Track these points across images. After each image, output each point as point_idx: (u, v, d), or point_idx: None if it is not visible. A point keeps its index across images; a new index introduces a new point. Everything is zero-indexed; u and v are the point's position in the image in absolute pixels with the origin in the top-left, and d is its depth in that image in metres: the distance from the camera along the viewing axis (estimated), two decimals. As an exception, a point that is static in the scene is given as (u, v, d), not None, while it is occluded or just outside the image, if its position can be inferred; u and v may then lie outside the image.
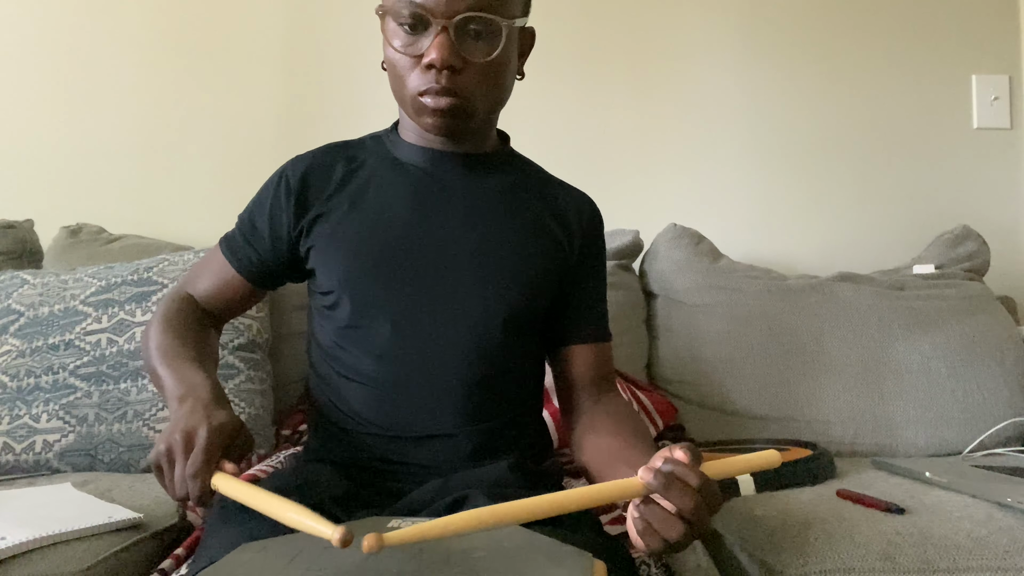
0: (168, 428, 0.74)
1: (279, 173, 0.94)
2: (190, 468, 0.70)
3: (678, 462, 0.64)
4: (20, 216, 1.68)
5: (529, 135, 1.17)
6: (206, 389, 0.79)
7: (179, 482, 0.71)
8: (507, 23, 0.83)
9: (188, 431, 0.72)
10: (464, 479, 0.83)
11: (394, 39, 0.84)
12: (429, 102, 0.84)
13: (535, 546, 0.59)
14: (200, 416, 0.74)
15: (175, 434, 0.73)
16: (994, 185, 1.94)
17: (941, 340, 1.50)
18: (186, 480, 0.71)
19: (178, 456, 0.72)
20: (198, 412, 0.74)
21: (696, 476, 0.63)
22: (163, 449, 0.73)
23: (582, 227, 0.98)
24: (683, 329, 1.59)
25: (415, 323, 0.88)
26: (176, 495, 0.73)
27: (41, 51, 1.82)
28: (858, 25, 1.93)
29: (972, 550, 0.89)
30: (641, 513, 0.64)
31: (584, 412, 0.94)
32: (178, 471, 0.72)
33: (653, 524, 0.64)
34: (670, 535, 0.63)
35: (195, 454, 0.71)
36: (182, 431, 0.72)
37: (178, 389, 0.80)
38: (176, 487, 0.72)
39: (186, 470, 0.71)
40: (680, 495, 0.62)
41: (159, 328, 0.91)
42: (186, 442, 0.72)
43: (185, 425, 0.73)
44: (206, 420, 0.73)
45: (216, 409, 0.76)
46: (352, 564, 0.57)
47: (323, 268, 0.91)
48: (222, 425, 0.73)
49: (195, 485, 0.70)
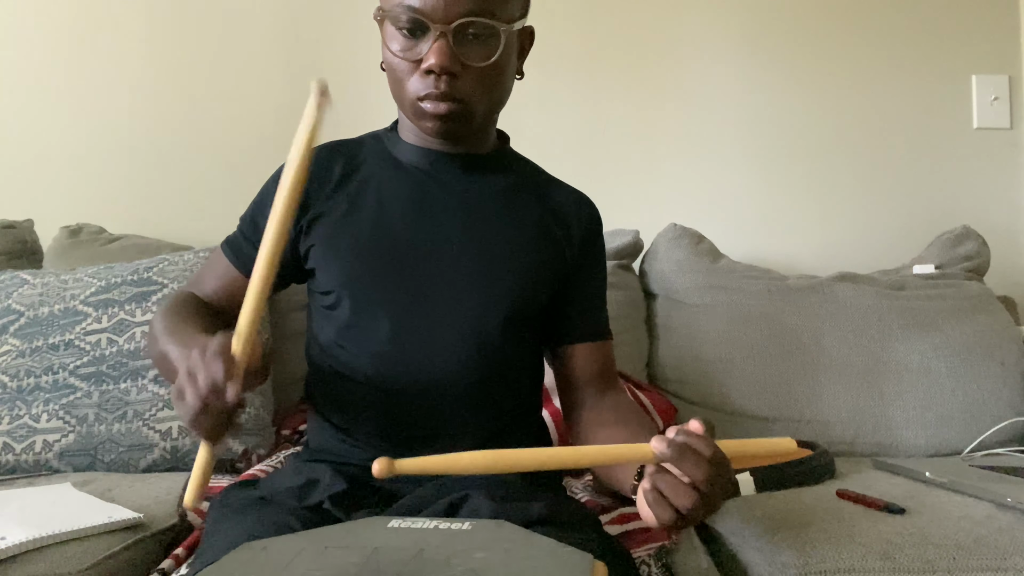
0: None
1: (279, 172, 0.94)
2: (210, 354, 0.66)
3: (691, 433, 0.63)
4: (20, 216, 1.68)
5: (529, 135, 1.17)
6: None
7: (203, 379, 0.65)
8: (506, 27, 0.83)
9: (204, 344, 0.68)
10: (463, 479, 0.82)
11: (393, 43, 0.84)
12: (428, 107, 0.84)
13: (536, 547, 0.59)
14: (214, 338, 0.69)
15: (192, 355, 0.68)
16: (994, 185, 1.94)
17: (941, 340, 1.50)
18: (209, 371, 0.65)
19: (197, 359, 0.67)
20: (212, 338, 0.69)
21: (709, 447, 0.63)
22: (183, 371, 0.68)
23: (581, 226, 0.98)
24: (683, 329, 1.59)
25: (415, 323, 0.88)
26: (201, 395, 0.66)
27: (41, 51, 1.82)
28: (858, 25, 1.93)
29: (972, 550, 0.89)
30: (653, 483, 0.64)
31: (587, 408, 0.94)
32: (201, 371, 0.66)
33: (664, 492, 0.63)
34: (683, 503, 0.62)
35: (212, 346, 0.67)
36: (200, 347, 0.68)
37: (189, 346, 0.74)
38: (201, 384, 0.66)
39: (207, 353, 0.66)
40: (693, 465, 0.62)
41: (163, 317, 0.89)
42: (203, 349, 0.67)
43: (201, 344, 0.68)
44: (220, 334, 0.69)
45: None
46: (352, 565, 0.57)
47: (323, 268, 0.91)
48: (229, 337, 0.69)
49: (218, 364, 0.65)
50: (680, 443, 0.62)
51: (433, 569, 0.55)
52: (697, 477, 0.62)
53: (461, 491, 0.78)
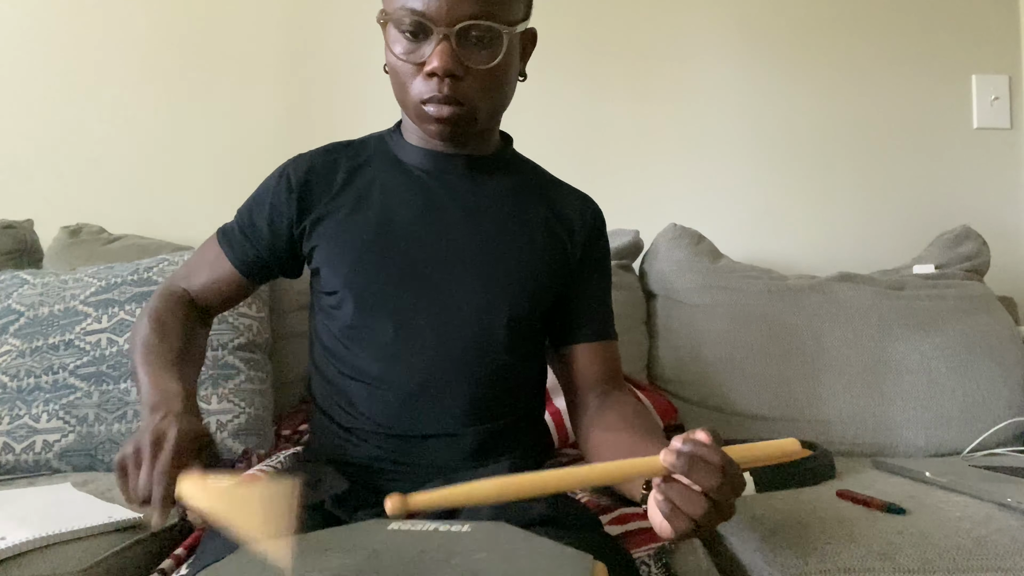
0: (138, 432, 0.74)
1: (281, 171, 0.94)
2: (158, 467, 0.69)
3: (699, 442, 0.63)
4: (20, 216, 1.68)
5: (529, 135, 1.17)
6: (179, 400, 0.78)
7: (143, 483, 0.70)
8: (508, 30, 0.83)
9: (157, 433, 0.71)
10: (465, 480, 0.82)
11: (396, 46, 0.84)
12: (432, 110, 0.84)
13: (536, 547, 0.59)
14: (169, 421, 0.73)
15: (145, 435, 0.72)
16: (994, 185, 1.94)
17: (941, 340, 1.50)
18: (151, 481, 0.69)
19: (146, 457, 0.70)
20: (167, 418, 0.74)
21: (718, 455, 0.63)
22: (130, 451, 0.72)
23: (585, 227, 0.98)
24: (683, 329, 1.59)
25: (418, 323, 0.88)
26: (138, 496, 0.71)
27: (41, 51, 1.81)
28: (858, 25, 1.93)
29: (972, 550, 0.89)
30: (665, 494, 0.64)
31: (592, 410, 0.94)
32: (144, 472, 0.70)
33: (677, 502, 0.63)
34: (696, 512, 0.62)
35: (164, 453, 0.70)
36: (152, 432, 0.72)
37: (152, 397, 0.80)
38: (140, 488, 0.70)
39: (155, 468, 0.69)
40: (704, 474, 0.62)
41: (147, 324, 0.90)
42: (155, 443, 0.71)
43: (155, 428, 0.72)
44: (176, 424, 0.72)
45: (185, 416, 0.75)
46: (352, 565, 0.57)
47: (327, 268, 0.91)
48: (192, 430, 0.73)
49: (160, 486, 0.69)
50: (689, 453, 0.62)
51: (433, 570, 0.55)
52: (708, 485, 0.61)
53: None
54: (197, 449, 0.73)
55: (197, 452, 0.73)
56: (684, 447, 0.63)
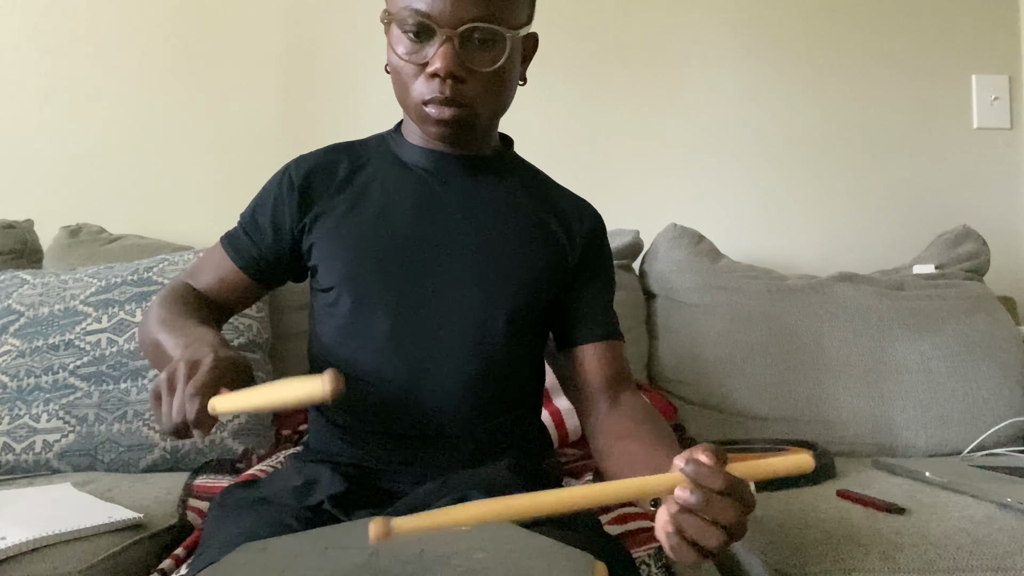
0: (173, 361, 0.72)
1: (283, 171, 0.94)
2: (191, 388, 0.68)
3: (703, 464, 0.59)
4: (20, 216, 1.68)
5: (529, 135, 1.17)
6: (212, 335, 0.78)
7: (178, 406, 0.69)
8: (511, 33, 0.83)
9: (193, 359, 0.71)
10: (464, 479, 0.82)
11: (399, 46, 0.84)
12: (433, 112, 0.84)
13: (536, 547, 0.59)
14: (206, 348, 0.72)
15: (180, 362, 0.71)
16: (994, 185, 1.94)
17: (941, 340, 1.50)
18: (185, 402, 0.68)
19: (180, 380, 0.69)
20: (205, 346, 0.73)
21: (731, 484, 0.59)
22: (166, 376, 0.70)
23: (583, 230, 0.97)
24: (683, 329, 1.59)
25: (416, 321, 0.88)
26: (172, 420, 0.69)
27: (41, 51, 1.81)
28: (858, 25, 1.93)
29: (972, 550, 0.89)
30: (677, 525, 0.60)
31: (602, 416, 0.92)
32: (178, 393, 0.69)
33: (692, 535, 0.59)
34: (711, 544, 0.59)
35: (199, 375, 0.69)
36: (187, 359, 0.71)
37: (183, 340, 0.79)
38: (174, 411, 0.69)
39: (186, 391, 0.68)
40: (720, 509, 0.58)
41: (158, 306, 0.90)
42: (190, 368, 0.70)
43: (191, 354, 0.71)
44: (212, 351, 0.71)
45: (223, 347, 0.74)
46: (352, 565, 0.57)
47: (324, 265, 0.91)
48: (230, 357, 0.72)
49: (193, 406, 0.68)
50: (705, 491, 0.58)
51: (433, 570, 0.55)
52: (726, 520, 0.59)
53: (461, 491, 0.78)
54: (234, 376, 0.72)
55: (233, 379, 0.72)
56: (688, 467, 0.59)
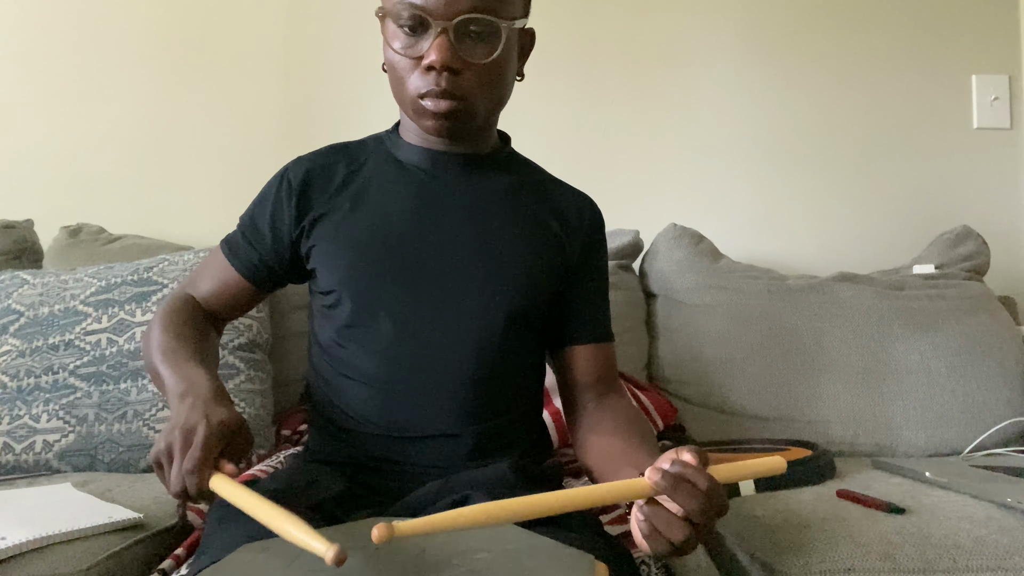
0: (169, 425, 0.74)
1: (280, 174, 0.94)
2: (187, 464, 0.70)
3: (686, 464, 0.63)
4: (20, 216, 1.68)
5: (529, 135, 1.17)
6: (206, 386, 0.79)
7: (175, 479, 0.71)
8: (507, 24, 0.83)
9: (187, 428, 0.72)
10: (465, 479, 0.83)
11: (394, 41, 0.84)
12: (429, 105, 0.84)
13: (537, 548, 0.59)
14: (200, 414, 0.74)
15: (175, 431, 0.72)
16: (994, 185, 1.94)
17: (941, 340, 1.50)
18: (183, 477, 0.70)
19: (176, 453, 0.71)
20: (198, 410, 0.74)
21: (704, 478, 0.63)
22: (163, 447, 0.73)
23: (583, 227, 0.98)
24: (683, 329, 1.59)
25: (416, 322, 0.88)
26: (173, 492, 0.72)
27: (41, 51, 1.81)
28: (858, 25, 1.93)
29: (972, 550, 0.89)
30: (646, 515, 0.64)
31: (587, 413, 0.94)
32: (175, 468, 0.71)
33: (658, 527, 0.63)
34: (675, 537, 0.63)
35: (193, 450, 0.70)
36: (181, 428, 0.72)
37: (179, 386, 0.80)
38: (173, 483, 0.72)
39: (183, 466, 0.70)
40: (687, 497, 0.62)
41: (160, 328, 0.91)
42: (185, 439, 0.72)
43: (185, 422, 0.73)
44: (205, 418, 0.73)
45: (216, 406, 0.75)
46: (354, 566, 0.57)
47: (324, 267, 0.91)
48: (221, 422, 0.73)
49: (192, 482, 0.70)
50: (675, 474, 0.62)
51: (435, 570, 0.55)
52: (692, 509, 0.62)
53: (462, 491, 0.78)
54: (228, 439, 0.74)
55: (229, 443, 0.74)
56: (671, 468, 0.63)
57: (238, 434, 0.76)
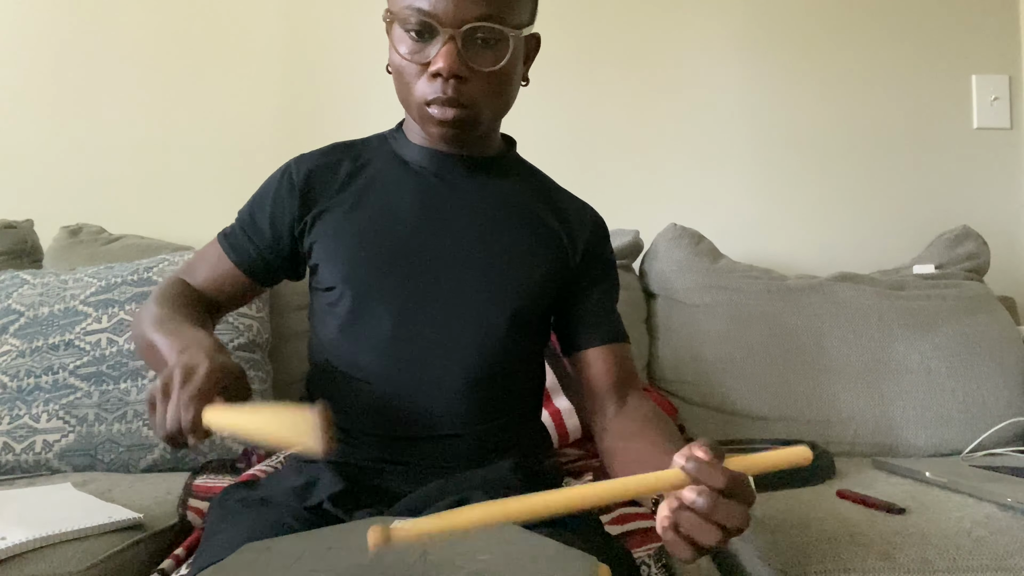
0: (167, 368, 0.72)
1: (283, 169, 0.94)
2: (187, 394, 0.68)
3: (701, 460, 0.59)
4: (20, 216, 1.68)
5: (529, 135, 1.17)
6: (208, 340, 0.77)
7: (172, 413, 0.69)
8: (514, 32, 0.83)
9: (189, 365, 0.71)
10: (465, 479, 0.82)
11: (401, 46, 0.84)
12: (435, 112, 0.84)
13: (539, 549, 0.59)
14: (202, 355, 0.72)
15: (175, 369, 0.71)
16: (994, 185, 1.94)
17: (941, 340, 1.50)
18: (179, 410, 0.68)
19: (175, 387, 0.69)
20: (200, 353, 0.73)
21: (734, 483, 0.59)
22: (161, 383, 0.71)
23: (585, 233, 0.97)
24: (683, 329, 1.59)
25: (417, 321, 0.88)
26: (166, 427, 0.69)
27: (41, 51, 1.81)
28: (858, 25, 1.93)
29: (972, 550, 0.89)
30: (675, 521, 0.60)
31: (609, 419, 0.92)
32: (172, 400, 0.69)
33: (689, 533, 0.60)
34: (708, 542, 0.59)
35: (193, 383, 0.69)
36: (182, 365, 0.71)
37: (178, 343, 0.78)
38: (168, 418, 0.69)
39: (181, 396, 0.68)
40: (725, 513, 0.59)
41: (155, 303, 0.90)
42: (185, 375, 0.70)
43: (187, 360, 0.71)
44: (207, 359, 0.71)
45: (218, 353, 0.74)
46: (356, 565, 0.57)
47: (326, 264, 0.91)
48: (224, 365, 0.72)
49: (188, 414, 0.68)
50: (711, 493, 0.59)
51: (437, 571, 0.55)
52: (730, 522, 0.59)
53: (462, 492, 0.78)
54: (228, 384, 0.72)
55: (227, 387, 0.72)
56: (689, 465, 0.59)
57: (239, 380, 0.74)
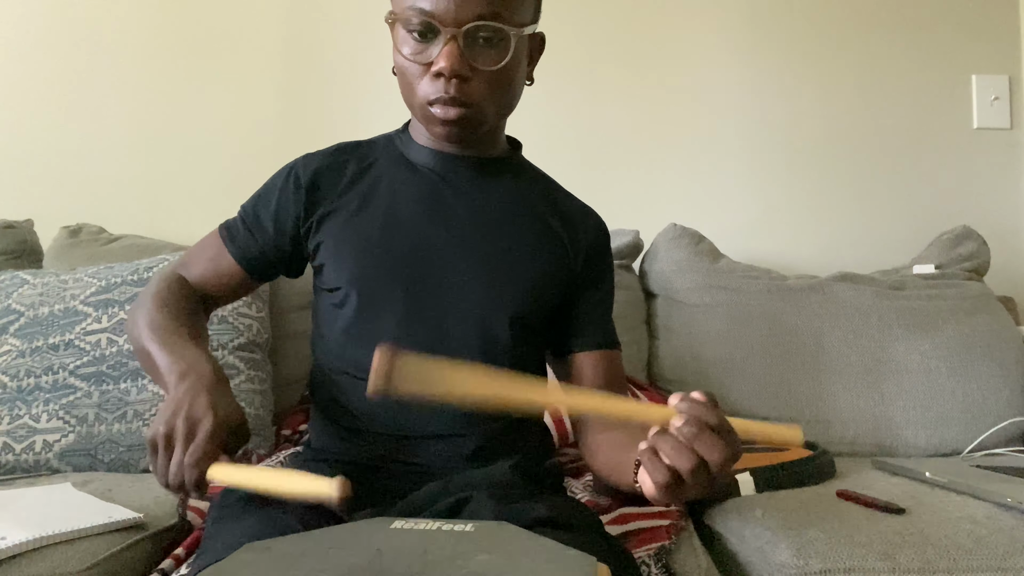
0: (170, 408, 0.72)
1: (289, 168, 0.94)
2: (191, 457, 0.69)
3: (695, 400, 0.63)
4: (20, 216, 1.68)
5: (529, 134, 1.16)
6: (208, 370, 0.77)
7: (175, 470, 0.70)
8: (516, 31, 0.83)
9: (192, 419, 0.71)
10: (466, 480, 0.83)
11: (404, 46, 0.84)
12: (438, 112, 0.84)
13: (539, 549, 0.59)
14: (205, 405, 0.72)
15: (178, 418, 0.71)
16: (994, 185, 1.94)
17: (941, 340, 1.50)
18: (182, 469, 0.69)
19: (179, 443, 0.70)
20: (202, 398, 0.73)
21: (715, 415, 0.62)
22: (163, 432, 0.71)
23: (587, 236, 0.97)
24: (683, 329, 1.59)
25: (421, 322, 0.88)
26: (169, 482, 0.70)
27: (41, 51, 1.81)
28: (858, 25, 1.93)
29: (972, 550, 0.89)
30: (652, 443, 0.62)
31: (593, 419, 0.93)
32: (176, 459, 0.70)
33: (663, 452, 0.62)
34: (682, 465, 0.61)
35: (197, 444, 0.69)
36: (185, 418, 0.71)
37: (177, 365, 0.78)
38: (171, 474, 0.70)
39: (186, 459, 0.69)
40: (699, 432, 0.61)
41: (150, 305, 0.89)
42: (189, 429, 0.70)
43: (189, 411, 0.71)
44: (211, 411, 0.71)
45: (221, 397, 0.74)
46: (357, 565, 0.57)
47: (331, 265, 0.91)
48: (228, 416, 0.72)
49: (192, 474, 0.69)
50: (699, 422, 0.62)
51: (437, 571, 0.55)
52: (710, 455, 0.61)
53: (463, 492, 0.78)
54: (232, 440, 0.73)
55: (232, 443, 0.73)
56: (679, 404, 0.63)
57: (241, 427, 0.75)
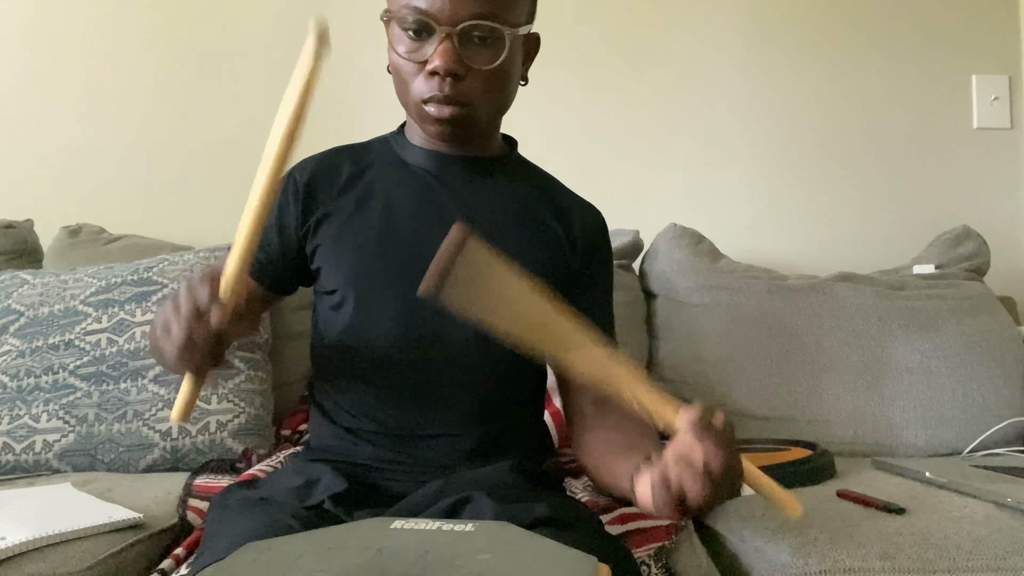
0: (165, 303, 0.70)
1: (287, 176, 0.94)
2: (196, 276, 0.67)
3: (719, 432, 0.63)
4: (20, 216, 1.68)
5: (529, 135, 1.17)
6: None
7: (188, 306, 0.66)
8: (511, 31, 0.83)
9: (209, 269, 0.69)
10: (466, 480, 0.83)
11: (399, 45, 0.84)
12: (432, 111, 0.84)
13: (540, 549, 0.59)
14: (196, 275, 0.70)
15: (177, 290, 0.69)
16: (994, 185, 1.94)
17: (941, 340, 1.50)
18: (195, 296, 0.66)
19: (183, 290, 0.67)
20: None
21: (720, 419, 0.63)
22: (169, 302, 0.69)
23: (586, 233, 0.97)
24: (683, 329, 1.59)
25: (419, 323, 0.88)
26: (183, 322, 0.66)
27: (41, 51, 1.81)
28: (858, 25, 1.93)
29: (972, 550, 0.89)
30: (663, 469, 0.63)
31: (588, 416, 0.93)
32: (186, 295, 0.66)
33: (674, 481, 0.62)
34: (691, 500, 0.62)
35: (201, 273, 0.68)
36: (201, 272, 0.69)
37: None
38: (183, 305, 0.66)
39: (210, 292, 0.66)
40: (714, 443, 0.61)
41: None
42: (205, 273, 0.68)
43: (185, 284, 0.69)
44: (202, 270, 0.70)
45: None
46: (357, 565, 0.57)
47: (328, 267, 0.91)
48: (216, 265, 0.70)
49: (204, 288, 0.66)
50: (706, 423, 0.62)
51: (437, 571, 0.55)
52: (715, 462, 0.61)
53: (463, 492, 0.78)
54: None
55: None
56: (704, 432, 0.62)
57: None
